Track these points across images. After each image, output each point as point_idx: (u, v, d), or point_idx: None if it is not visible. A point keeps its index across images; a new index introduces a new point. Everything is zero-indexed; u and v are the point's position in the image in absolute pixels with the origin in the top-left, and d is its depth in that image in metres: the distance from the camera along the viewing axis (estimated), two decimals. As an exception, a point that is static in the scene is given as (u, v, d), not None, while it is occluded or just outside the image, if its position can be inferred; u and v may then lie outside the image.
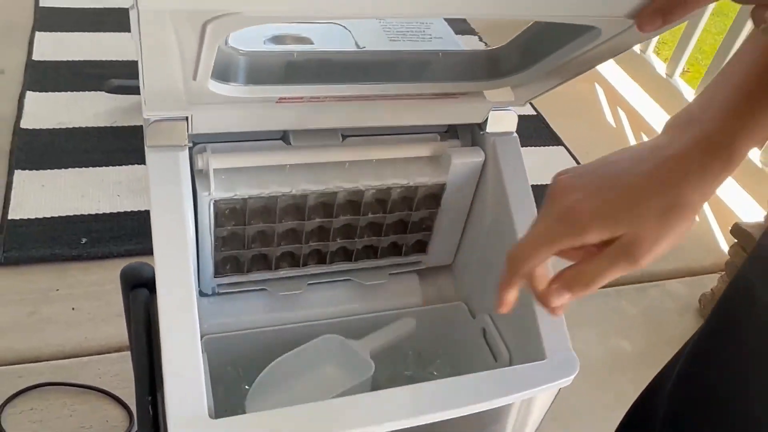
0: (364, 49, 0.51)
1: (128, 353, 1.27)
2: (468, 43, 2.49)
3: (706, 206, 1.96)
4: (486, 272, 0.59)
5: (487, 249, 0.58)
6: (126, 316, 0.85)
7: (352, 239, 0.56)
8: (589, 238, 0.45)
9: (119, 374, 1.25)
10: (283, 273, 0.57)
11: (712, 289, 1.59)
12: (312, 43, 0.53)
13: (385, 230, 0.56)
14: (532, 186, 1.95)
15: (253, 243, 0.55)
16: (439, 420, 0.45)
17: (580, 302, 1.68)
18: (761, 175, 1.93)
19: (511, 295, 0.48)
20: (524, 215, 0.54)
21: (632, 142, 2.18)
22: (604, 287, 1.61)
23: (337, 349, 0.56)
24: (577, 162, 2.00)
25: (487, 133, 0.55)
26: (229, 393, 0.51)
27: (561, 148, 2.06)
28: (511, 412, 0.52)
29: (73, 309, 1.34)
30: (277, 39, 0.54)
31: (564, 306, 0.49)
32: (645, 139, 2.12)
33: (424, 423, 0.44)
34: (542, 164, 1.98)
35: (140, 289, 0.83)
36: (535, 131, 2.11)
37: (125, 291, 0.84)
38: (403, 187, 0.54)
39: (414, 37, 0.55)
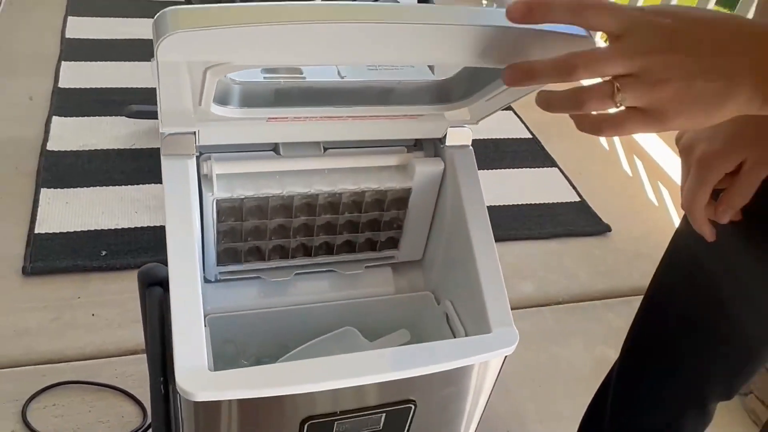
0: (344, 79, 0.62)
1: (142, 356, 1.38)
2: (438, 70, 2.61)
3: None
4: (449, 266, 0.69)
5: (449, 246, 0.68)
6: (142, 311, 0.96)
7: (332, 235, 0.66)
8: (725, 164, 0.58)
9: (134, 374, 1.35)
10: (274, 263, 0.67)
11: (694, 302, 1.67)
12: (301, 73, 0.65)
13: (361, 228, 0.67)
14: (524, 204, 2.04)
15: (249, 237, 0.65)
16: (409, 377, 0.55)
17: (569, 314, 1.77)
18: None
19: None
20: (476, 217, 0.64)
21: (624, 163, 2.27)
22: (591, 300, 1.70)
23: (351, 340, 0.66)
24: (570, 183, 2.09)
25: (446, 146, 0.66)
26: (228, 367, 0.61)
27: (555, 169, 2.16)
28: (472, 375, 0.61)
29: (93, 315, 1.45)
30: (271, 70, 0.65)
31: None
32: (636, 161, 2.22)
33: (395, 378, 0.54)
34: (537, 185, 2.08)
35: (155, 287, 0.94)
36: (531, 154, 2.21)
37: (142, 289, 0.95)
38: (375, 190, 0.64)
39: (389, 67, 0.66)
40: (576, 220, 1.95)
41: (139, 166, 1.85)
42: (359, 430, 0.60)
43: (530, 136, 2.29)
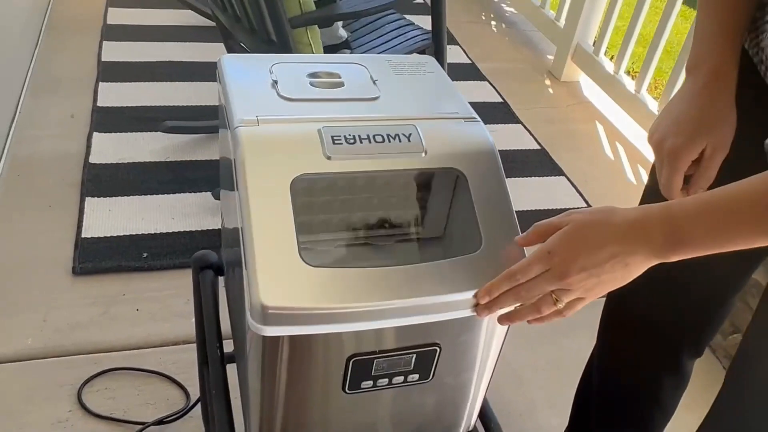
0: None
1: (184, 345, 1.51)
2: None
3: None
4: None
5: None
6: (194, 293, 1.09)
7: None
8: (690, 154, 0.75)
9: (177, 362, 1.48)
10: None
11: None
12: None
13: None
14: (534, 210, 2.14)
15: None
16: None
17: (566, 327, 1.87)
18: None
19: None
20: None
21: (628, 172, 2.39)
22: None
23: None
24: (577, 190, 2.21)
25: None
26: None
27: (563, 178, 2.28)
28: (482, 325, 0.73)
29: (137, 310, 1.58)
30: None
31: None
32: (640, 169, 2.34)
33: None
34: (545, 192, 2.20)
35: (207, 271, 1.07)
36: (539, 164, 2.34)
37: (195, 272, 1.08)
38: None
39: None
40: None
41: (175, 177, 1.99)
42: (394, 368, 0.72)
43: (539, 148, 2.42)
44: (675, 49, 3.28)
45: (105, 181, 1.95)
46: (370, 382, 0.73)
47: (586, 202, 2.17)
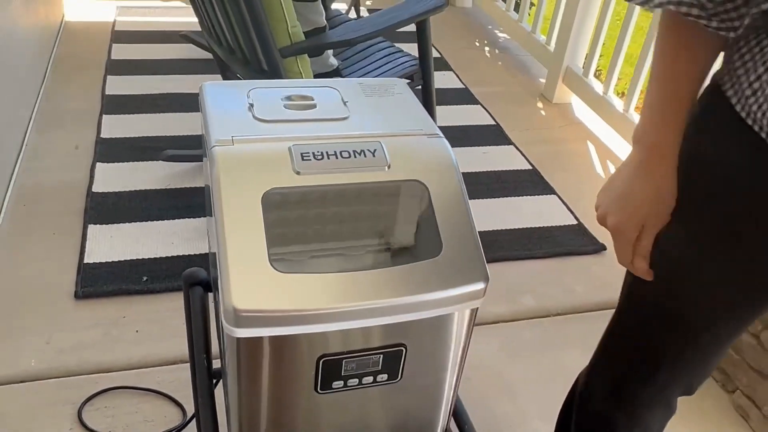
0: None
1: (181, 365, 1.56)
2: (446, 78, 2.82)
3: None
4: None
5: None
6: (185, 308, 1.14)
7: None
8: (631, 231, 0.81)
9: (174, 381, 1.52)
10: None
11: (683, 309, 1.81)
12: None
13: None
14: (525, 228, 2.17)
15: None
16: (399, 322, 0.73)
17: (567, 324, 1.91)
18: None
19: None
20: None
21: (619, 189, 2.43)
22: (585, 311, 1.86)
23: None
24: (568, 208, 2.26)
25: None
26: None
27: (554, 196, 2.33)
28: (449, 323, 0.78)
29: (137, 331, 1.64)
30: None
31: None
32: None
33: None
34: (537, 211, 2.25)
35: (196, 287, 1.12)
36: (531, 183, 2.39)
37: (185, 288, 1.13)
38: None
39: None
40: (573, 241, 2.11)
41: (175, 204, 2.06)
42: (363, 369, 0.77)
43: (531, 168, 2.47)
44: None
45: (107, 208, 2.02)
46: (341, 382, 0.77)
47: (577, 219, 2.22)
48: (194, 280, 1.13)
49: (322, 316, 0.70)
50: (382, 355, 0.77)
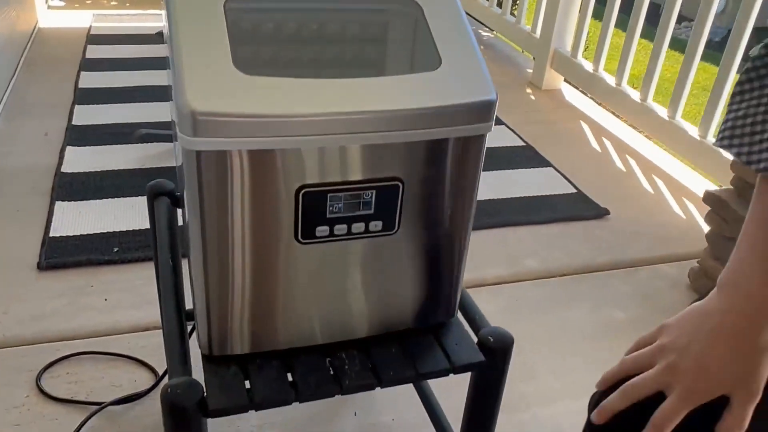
0: None
1: (155, 331, 1.41)
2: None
3: (689, 203, 2.09)
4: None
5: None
6: (150, 223, 1.01)
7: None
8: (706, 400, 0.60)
9: (147, 346, 1.37)
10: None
11: (698, 262, 1.69)
12: None
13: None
14: (524, 197, 2.06)
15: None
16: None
17: (574, 284, 1.78)
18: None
19: None
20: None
21: (616, 161, 2.34)
22: (595, 271, 1.72)
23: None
24: (566, 178, 2.15)
25: None
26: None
27: (550, 168, 2.22)
28: (448, 149, 0.65)
29: (105, 300, 1.49)
30: None
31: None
32: (628, 159, 2.29)
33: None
34: (534, 181, 2.14)
35: (162, 197, 0.99)
36: (526, 158, 2.28)
37: (150, 200, 1.00)
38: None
39: None
40: (575, 207, 2.00)
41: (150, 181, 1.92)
42: (352, 211, 0.64)
43: (525, 144, 2.37)
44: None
45: (76, 187, 1.88)
46: (326, 229, 0.64)
47: (576, 188, 2.10)
48: (160, 190, 1.00)
49: (297, 125, 0.58)
50: (374, 192, 0.64)
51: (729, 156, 1.65)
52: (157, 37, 2.83)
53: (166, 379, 1.19)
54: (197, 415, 0.65)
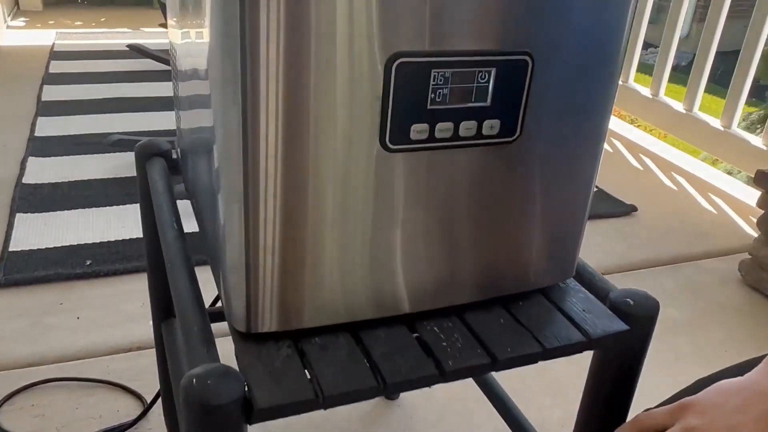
0: None
1: (138, 352, 1.17)
2: None
3: (721, 201, 1.93)
4: None
5: None
6: (140, 188, 0.79)
7: None
8: None
9: (130, 368, 1.13)
10: None
11: (749, 253, 1.52)
12: None
13: None
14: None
15: None
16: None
17: (618, 282, 1.58)
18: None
19: None
20: None
21: (632, 161, 2.19)
22: (635, 269, 1.52)
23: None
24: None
25: None
26: None
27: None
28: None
29: (78, 318, 1.24)
30: None
31: None
32: (643, 158, 2.14)
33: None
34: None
35: (157, 158, 0.78)
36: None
37: (140, 164, 0.78)
38: None
39: None
40: (600, 205, 1.82)
41: (126, 191, 1.70)
42: (463, 98, 0.44)
43: (531, 146, 2.21)
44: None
45: (40, 198, 1.64)
46: (425, 128, 0.44)
47: (596, 186, 1.93)
48: (154, 151, 0.78)
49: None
50: (493, 72, 0.44)
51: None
52: (128, 52, 2.63)
53: (159, 405, 0.96)
54: (238, 417, 0.43)
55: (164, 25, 2.78)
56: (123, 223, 1.56)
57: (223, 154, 0.45)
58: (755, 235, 1.54)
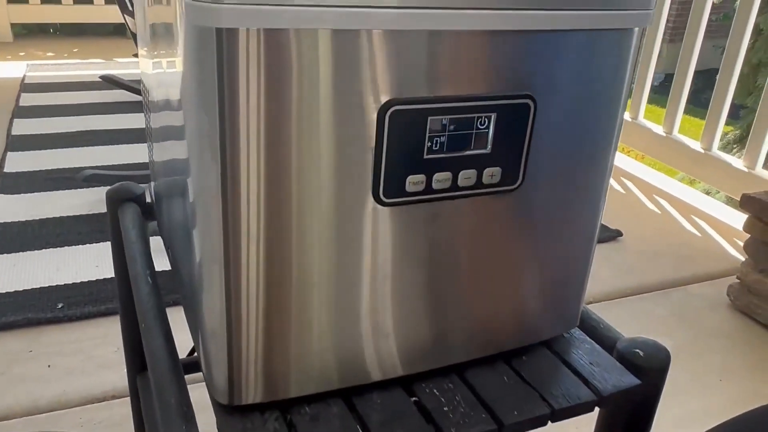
0: None
1: (113, 401, 1.11)
2: None
3: (703, 223, 1.93)
4: None
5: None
6: (112, 236, 0.74)
7: None
8: None
9: (104, 421, 1.07)
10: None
11: (738, 278, 1.50)
12: None
13: None
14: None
15: None
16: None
17: (601, 309, 1.56)
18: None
19: None
20: None
21: (614, 185, 2.18)
22: (624, 296, 1.51)
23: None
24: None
25: None
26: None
27: (546, 194, 2.04)
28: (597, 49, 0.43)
29: (48, 366, 1.18)
30: None
31: None
32: (625, 181, 2.14)
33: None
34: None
35: (129, 204, 0.73)
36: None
37: (112, 210, 0.74)
38: None
39: None
40: (583, 230, 1.80)
41: (100, 228, 1.64)
42: (460, 147, 0.40)
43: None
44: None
45: (9, 238, 1.58)
46: (422, 179, 0.40)
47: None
48: (126, 195, 0.74)
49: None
50: (493, 117, 0.41)
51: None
52: (102, 83, 2.58)
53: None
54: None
55: (138, 56, 2.73)
56: (97, 261, 1.50)
57: (200, 215, 0.41)
58: (741, 257, 1.53)
